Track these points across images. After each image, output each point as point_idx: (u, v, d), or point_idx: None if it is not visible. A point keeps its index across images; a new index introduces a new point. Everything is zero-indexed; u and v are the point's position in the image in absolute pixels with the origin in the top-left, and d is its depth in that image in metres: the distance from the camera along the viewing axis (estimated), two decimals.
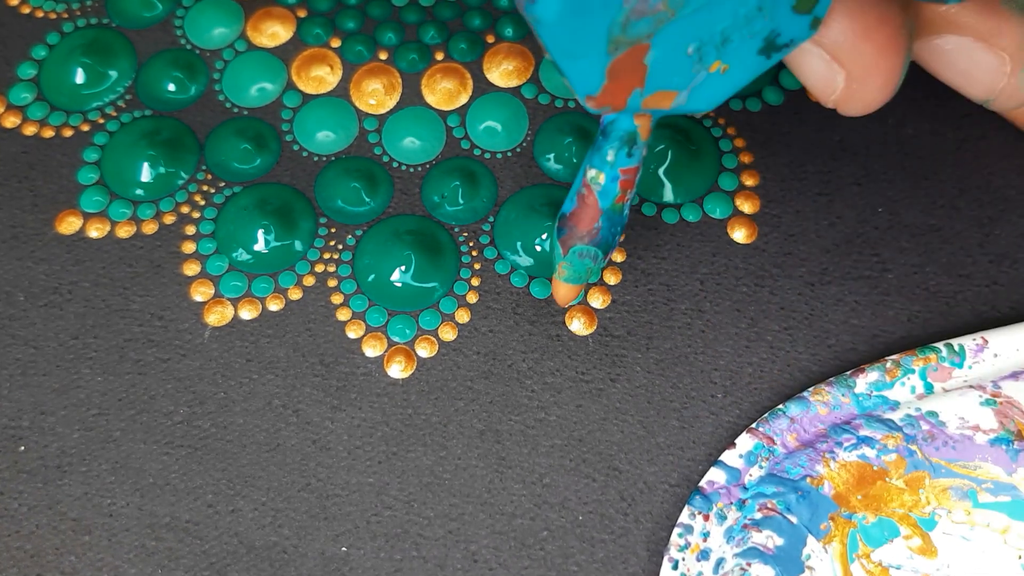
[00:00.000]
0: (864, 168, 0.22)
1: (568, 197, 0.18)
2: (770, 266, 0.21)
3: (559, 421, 0.20)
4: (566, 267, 0.19)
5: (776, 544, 0.18)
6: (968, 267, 0.21)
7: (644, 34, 0.14)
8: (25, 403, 0.20)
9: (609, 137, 0.17)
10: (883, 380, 0.19)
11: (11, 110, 0.23)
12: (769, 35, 0.16)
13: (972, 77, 0.18)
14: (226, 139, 0.22)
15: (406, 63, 0.23)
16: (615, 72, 0.15)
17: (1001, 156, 0.22)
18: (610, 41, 0.14)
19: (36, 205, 0.22)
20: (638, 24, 0.14)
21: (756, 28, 0.15)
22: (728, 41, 0.15)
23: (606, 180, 0.17)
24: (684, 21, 0.15)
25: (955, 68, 0.18)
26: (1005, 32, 0.17)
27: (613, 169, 0.17)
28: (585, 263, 0.18)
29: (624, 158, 0.17)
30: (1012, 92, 0.18)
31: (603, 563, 0.19)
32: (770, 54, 0.16)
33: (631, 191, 0.18)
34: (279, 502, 0.19)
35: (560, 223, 0.18)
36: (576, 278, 0.19)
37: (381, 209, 0.22)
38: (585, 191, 0.18)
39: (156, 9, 0.24)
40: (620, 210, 0.18)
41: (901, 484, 0.19)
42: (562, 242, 0.18)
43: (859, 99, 0.17)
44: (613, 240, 0.18)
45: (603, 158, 0.17)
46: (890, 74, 0.17)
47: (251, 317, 0.21)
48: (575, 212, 0.18)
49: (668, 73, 0.15)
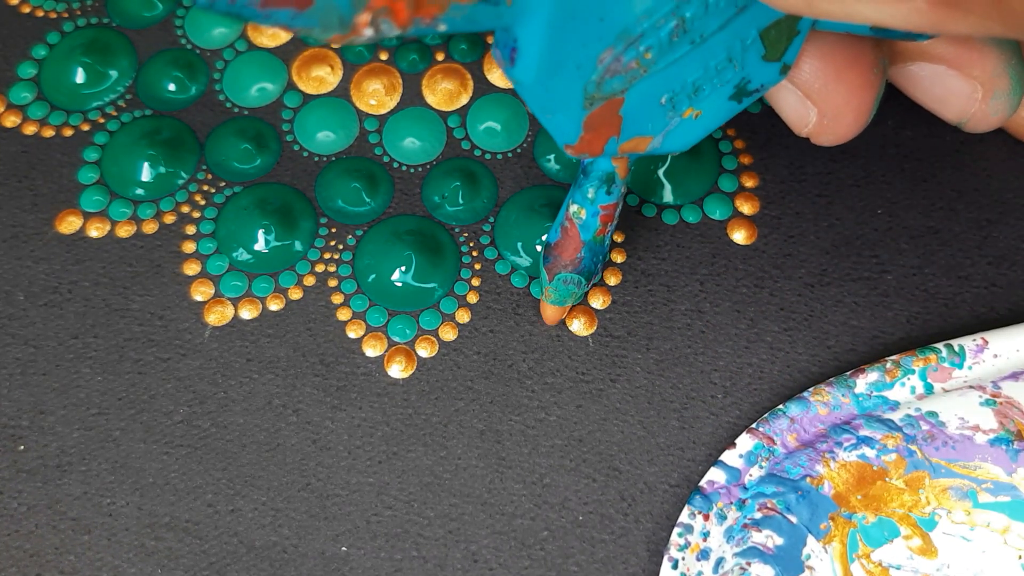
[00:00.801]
0: (863, 170, 0.22)
1: (553, 228, 0.19)
2: (770, 267, 0.21)
3: (559, 421, 0.20)
4: (551, 291, 0.20)
5: (776, 544, 0.18)
6: (967, 269, 0.21)
7: (618, 90, 0.15)
8: (25, 402, 0.20)
9: (589, 176, 0.18)
10: (883, 380, 0.19)
11: (11, 109, 0.23)
12: (740, 83, 0.16)
13: (945, 102, 0.19)
14: (226, 139, 0.22)
15: (407, 63, 0.23)
16: (591, 124, 0.15)
17: (999, 159, 0.22)
18: (586, 98, 0.15)
19: (36, 204, 0.22)
20: (612, 81, 0.15)
21: (727, 77, 0.16)
22: (700, 90, 0.16)
23: (587, 215, 0.19)
24: (656, 76, 0.15)
25: (929, 93, 0.19)
26: (977, 62, 0.18)
27: (593, 205, 0.18)
28: (570, 288, 0.20)
29: (604, 195, 0.18)
30: (983, 117, 0.19)
31: (603, 563, 0.19)
32: (741, 99, 0.17)
33: (611, 224, 0.19)
34: (279, 502, 0.19)
35: (546, 252, 0.20)
36: (561, 301, 0.20)
37: (381, 209, 0.22)
38: (568, 224, 0.19)
39: (156, 9, 0.24)
40: (601, 241, 0.19)
41: (901, 484, 0.19)
42: (547, 269, 0.19)
43: (831, 133, 0.18)
44: (595, 268, 0.20)
45: (584, 195, 0.18)
46: (861, 110, 0.18)
47: (251, 317, 0.21)
48: (559, 242, 0.19)
49: (642, 121, 0.16)
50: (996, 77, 0.18)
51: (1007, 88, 0.18)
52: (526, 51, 0.14)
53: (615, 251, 0.21)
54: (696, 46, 0.15)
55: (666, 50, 0.15)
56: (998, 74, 0.18)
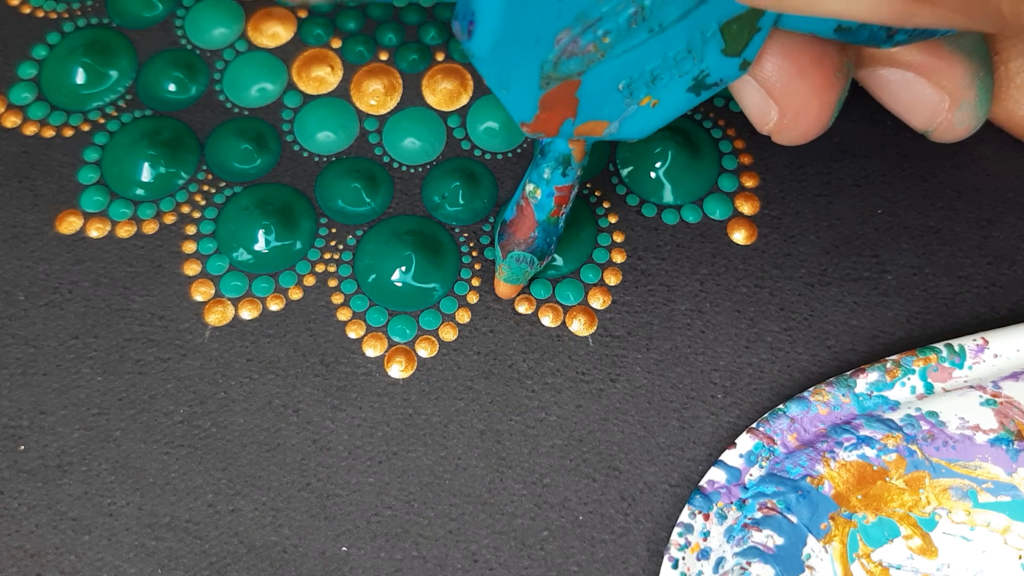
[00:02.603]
0: (863, 170, 0.22)
1: (509, 206, 0.20)
2: (770, 267, 0.21)
3: (559, 421, 0.20)
4: (505, 269, 0.20)
5: (776, 543, 0.18)
6: (967, 268, 0.21)
7: (575, 72, 0.15)
8: (25, 402, 0.20)
9: (546, 157, 0.18)
10: (883, 380, 0.19)
11: (11, 110, 0.23)
12: (699, 75, 0.16)
13: (913, 109, 0.19)
14: (227, 139, 0.22)
15: (407, 64, 0.23)
16: (547, 104, 0.15)
17: (999, 158, 0.22)
18: (542, 76, 0.15)
19: (36, 205, 0.22)
20: (569, 63, 0.15)
21: (685, 68, 0.16)
22: (658, 79, 0.16)
23: (542, 195, 0.19)
24: (614, 61, 0.15)
25: (898, 99, 0.19)
26: (946, 71, 0.18)
27: (549, 186, 0.19)
28: (522, 267, 0.20)
29: (559, 177, 0.19)
30: (948, 127, 0.19)
31: (603, 563, 0.19)
32: (700, 92, 0.17)
33: (566, 206, 0.19)
34: (279, 502, 0.19)
35: (501, 229, 0.20)
36: (514, 279, 0.20)
37: (382, 209, 0.22)
38: (523, 203, 0.19)
39: (156, 9, 0.24)
40: (555, 223, 0.19)
41: (901, 484, 0.19)
42: (502, 246, 0.20)
43: (791, 132, 0.18)
44: (548, 249, 0.20)
45: (540, 175, 0.19)
46: (822, 111, 0.18)
47: (251, 317, 0.21)
48: (514, 220, 0.19)
49: (599, 106, 0.16)
50: (964, 88, 0.18)
51: (974, 100, 0.19)
52: (483, 24, 0.14)
53: (615, 251, 0.21)
54: (655, 34, 0.15)
55: (624, 36, 0.15)
56: (966, 85, 0.18)
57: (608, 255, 0.21)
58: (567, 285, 0.21)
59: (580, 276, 0.21)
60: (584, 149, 0.18)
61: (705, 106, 0.23)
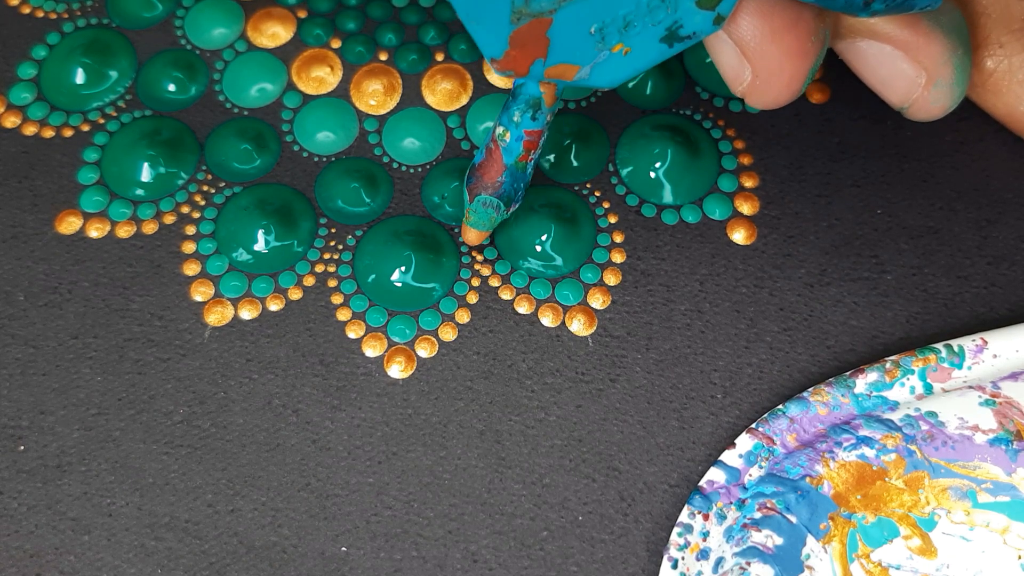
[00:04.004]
0: (863, 170, 0.22)
1: (479, 149, 0.20)
2: (769, 267, 0.21)
3: (559, 421, 0.20)
4: (472, 213, 0.20)
5: (775, 543, 0.18)
6: (966, 269, 0.21)
7: (546, 9, 0.15)
8: (25, 403, 0.20)
9: (517, 99, 0.18)
10: (882, 380, 0.19)
11: (11, 110, 0.23)
12: (672, 25, 0.16)
13: (890, 84, 0.19)
14: (226, 139, 0.22)
15: (406, 64, 0.23)
16: (517, 41, 0.16)
17: (999, 158, 0.22)
18: (513, 11, 0.15)
19: (36, 205, 0.22)
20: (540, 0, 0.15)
21: (659, 17, 0.16)
22: (631, 26, 0.16)
23: (511, 139, 0.19)
24: (587, 2, 0.15)
25: (875, 72, 0.19)
26: (923, 47, 0.18)
27: (518, 129, 0.19)
28: (488, 212, 0.20)
29: (529, 120, 0.18)
30: (923, 105, 0.19)
31: (603, 563, 0.19)
32: (672, 43, 0.17)
33: (535, 152, 0.19)
34: (279, 502, 0.19)
35: (470, 172, 0.20)
36: (480, 225, 0.20)
37: (381, 209, 0.22)
38: (492, 146, 0.19)
39: (156, 9, 0.24)
40: (523, 168, 0.19)
41: (900, 484, 0.19)
42: (469, 190, 0.20)
43: (763, 95, 0.18)
44: (516, 195, 0.20)
45: (510, 118, 0.19)
46: (794, 77, 0.18)
47: (251, 317, 0.21)
48: (482, 163, 0.19)
49: (570, 48, 0.16)
50: (941, 65, 0.18)
51: (950, 78, 0.19)
52: None
53: (615, 251, 0.21)
54: None
55: None
56: (943, 62, 0.18)
57: (608, 255, 0.21)
58: (567, 285, 0.21)
59: (580, 276, 0.21)
60: (555, 94, 0.18)
61: (705, 106, 0.23)
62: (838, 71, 0.23)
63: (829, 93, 0.23)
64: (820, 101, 0.23)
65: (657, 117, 0.23)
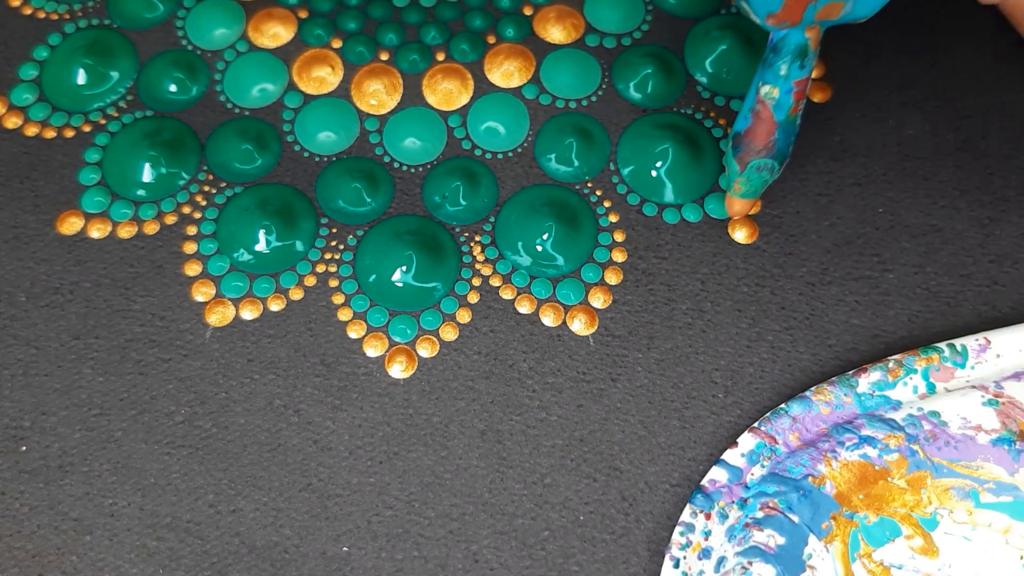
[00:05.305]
0: (864, 169, 0.22)
1: (740, 115, 0.19)
2: (771, 266, 0.21)
3: (560, 421, 0.20)
4: (743, 183, 0.20)
5: (777, 543, 0.18)
6: (969, 267, 0.21)
7: None
8: (26, 403, 0.20)
9: (781, 53, 0.18)
10: (885, 380, 0.19)
11: (13, 111, 0.23)
12: None
13: None
14: (227, 140, 0.22)
15: (407, 64, 0.23)
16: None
17: (1001, 157, 0.22)
18: None
19: (37, 206, 0.22)
20: None
21: None
22: None
23: (780, 93, 0.19)
24: None
25: None
26: None
27: (787, 82, 0.19)
28: (763, 176, 0.20)
29: (797, 70, 0.19)
30: None
31: (604, 563, 0.19)
32: None
33: (803, 101, 0.19)
34: (280, 502, 0.19)
35: (735, 141, 0.19)
36: (753, 192, 0.20)
37: (382, 209, 0.22)
38: (760, 107, 0.19)
39: (157, 10, 0.24)
40: (793, 120, 0.19)
41: (903, 484, 0.19)
42: (739, 159, 0.19)
43: None
44: (788, 150, 0.20)
45: (776, 73, 0.19)
46: None
47: (252, 317, 0.21)
48: (750, 128, 0.19)
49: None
50: None
51: None
52: None
53: (616, 250, 0.21)
54: None
55: None
56: None
57: (609, 254, 0.21)
58: (568, 284, 0.21)
59: (581, 275, 0.21)
60: (819, 36, 0.18)
61: (706, 105, 0.23)
62: (838, 71, 0.23)
63: (830, 92, 0.23)
64: (821, 100, 0.23)
65: (658, 116, 0.23)
